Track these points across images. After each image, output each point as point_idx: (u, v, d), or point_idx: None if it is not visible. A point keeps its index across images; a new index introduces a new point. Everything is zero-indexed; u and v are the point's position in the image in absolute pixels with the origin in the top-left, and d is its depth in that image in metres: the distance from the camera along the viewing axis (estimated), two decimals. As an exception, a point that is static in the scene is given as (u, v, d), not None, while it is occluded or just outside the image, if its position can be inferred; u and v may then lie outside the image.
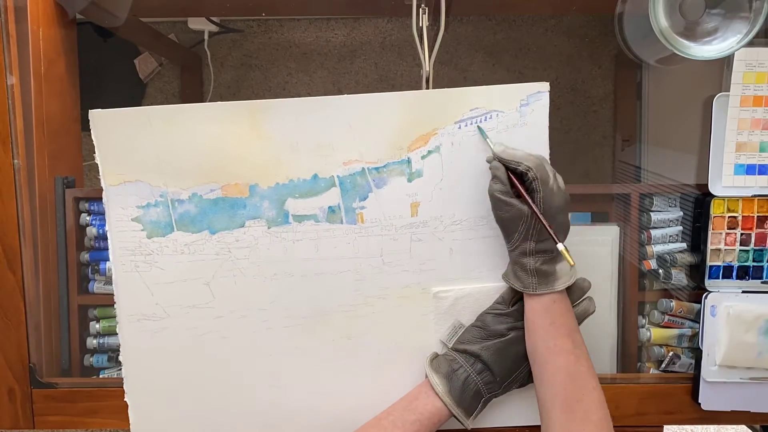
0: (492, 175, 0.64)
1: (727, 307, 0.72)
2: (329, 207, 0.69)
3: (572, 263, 0.62)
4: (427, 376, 0.67)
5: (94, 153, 0.69)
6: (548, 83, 0.67)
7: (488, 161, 0.66)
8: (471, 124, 0.68)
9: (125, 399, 0.72)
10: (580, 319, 0.66)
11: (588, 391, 0.61)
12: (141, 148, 0.68)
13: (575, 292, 0.67)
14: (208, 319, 0.70)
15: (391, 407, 0.67)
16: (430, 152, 0.68)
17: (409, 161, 0.68)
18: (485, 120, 0.68)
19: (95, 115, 0.68)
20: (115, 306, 0.70)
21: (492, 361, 0.65)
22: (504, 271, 0.67)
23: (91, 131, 0.68)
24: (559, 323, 0.62)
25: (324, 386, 0.71)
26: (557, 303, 0.63)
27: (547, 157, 0.67)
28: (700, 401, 0.73)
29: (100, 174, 0.69)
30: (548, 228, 0.61)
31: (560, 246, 0.61)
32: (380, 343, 0.71)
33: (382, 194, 0.69)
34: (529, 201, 0.61)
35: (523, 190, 0.62)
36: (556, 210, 0.62)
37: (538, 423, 0.64)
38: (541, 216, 0.61)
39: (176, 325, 0.70)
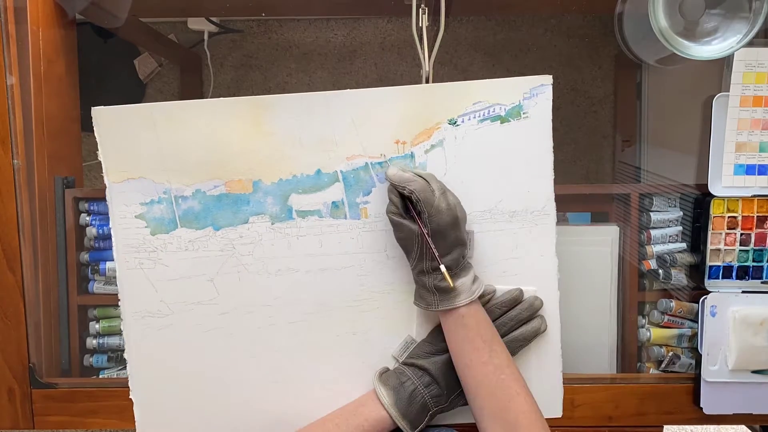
0: (388, 197, 0.65)
1: (733, 312, 0.72)
2: (333, 202, 0.69)
3: (451, 285, 0.62)
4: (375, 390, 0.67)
5: (97, 151, 0.68)
6: (551, 76, 0.67)
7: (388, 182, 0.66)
8: (474, 117, 0.68)
9: (130, 396, 0.72)
10: (531, 337, 0.67)
11: (511, 398, 0.61)
12: (144, 145, 0.68)
13: (525, 311, 0.67)
14: (213, 315, 0.70)
15: (338, 410, 0.67)
16: (433, 146, 0.68)
17: (412, 155, 0.68)
18: (489, 113, 0.68)
19: (98, 113, 0.68)
20: (119, 304, 0.70)
21: (439, 375, 0.65)
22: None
23: (94, 128, 0.68)
24: (472, 336, 0.62)
25: (329, 382, 0.71)
26: (467, 318, 0.63)
27: (551, 148, 0.67)
28: (701, 405, 0.73)
29: (104, 171, 0.69)
30: (432, 247, 0.61)
31: (442, 267, 0.61)
32: (385, 338, 0.70)
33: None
34: (418, 221, 0.62)
35: (414, 212, 0.63)
36: (444, 227, 0.62)
37: None
38: (427, 235, 0.61)
39: (181, 321, 0.70)
